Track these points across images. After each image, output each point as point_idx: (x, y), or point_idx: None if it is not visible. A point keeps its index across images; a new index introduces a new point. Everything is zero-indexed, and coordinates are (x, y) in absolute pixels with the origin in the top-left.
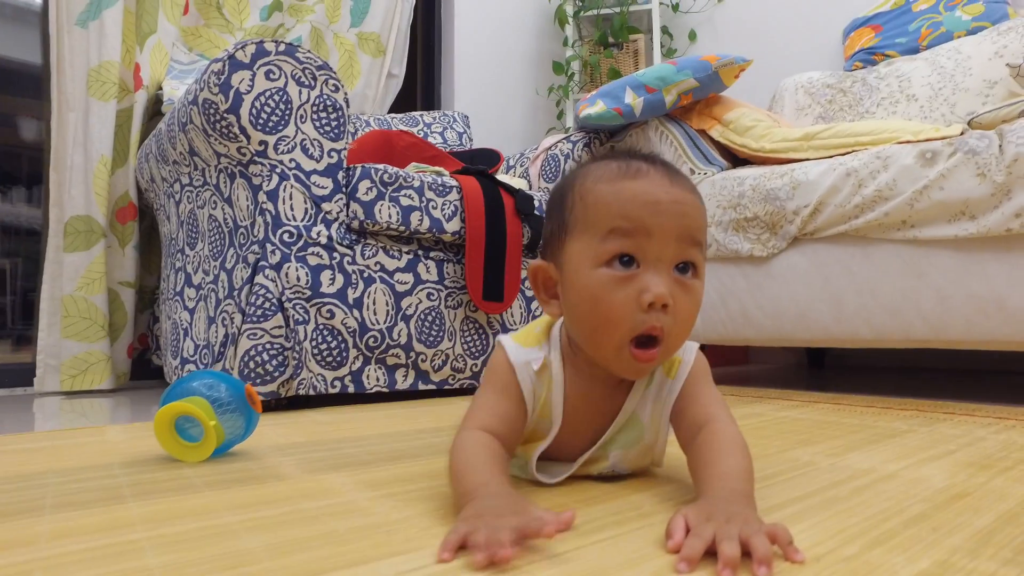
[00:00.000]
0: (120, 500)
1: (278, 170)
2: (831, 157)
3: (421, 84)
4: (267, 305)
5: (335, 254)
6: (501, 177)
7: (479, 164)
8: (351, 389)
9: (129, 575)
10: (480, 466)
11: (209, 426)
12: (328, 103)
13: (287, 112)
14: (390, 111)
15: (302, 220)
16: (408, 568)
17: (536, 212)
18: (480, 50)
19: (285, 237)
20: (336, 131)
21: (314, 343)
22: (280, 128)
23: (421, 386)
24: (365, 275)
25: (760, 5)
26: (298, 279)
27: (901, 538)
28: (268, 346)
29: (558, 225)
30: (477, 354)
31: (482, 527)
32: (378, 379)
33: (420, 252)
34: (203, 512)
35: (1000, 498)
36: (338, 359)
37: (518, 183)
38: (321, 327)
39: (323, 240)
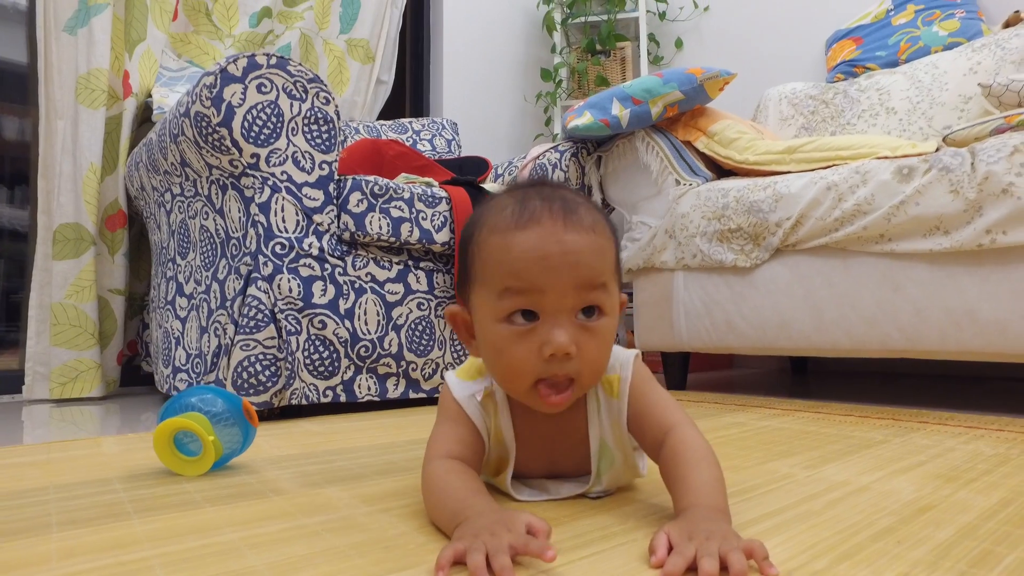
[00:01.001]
0: (123, 517)
1: (270, 182)
2: (812, 170)
3: (410, 90)
4: (260, 316)
5: (327, 265)
6: (490, 186)
7: (468, 172)
8: (343, 398)
9: None
10: (458, 489)
11: (207, 441)
12: (319, 115)
13: (279, 125)
14: (379, 118)
15: (294, 232)
16: None
17: None
18: (468, 56)
19: (277, 249)
20: (327, 143)
21: (306, 353)
22: (272, 141)
23: (412, 395)
24: (356, 286)
25: (745, 14)
26: (290, 290)
27: (868, 552)
28: (261, 357)
29: (464, 272)
30: None
31: (480, 546)
32: (369, 388)
33: (410, 262)
34: (205, 529)
35: (962, 510)
36: (330, 369)
37: None
38: (313, 337)
39: (315, 251)
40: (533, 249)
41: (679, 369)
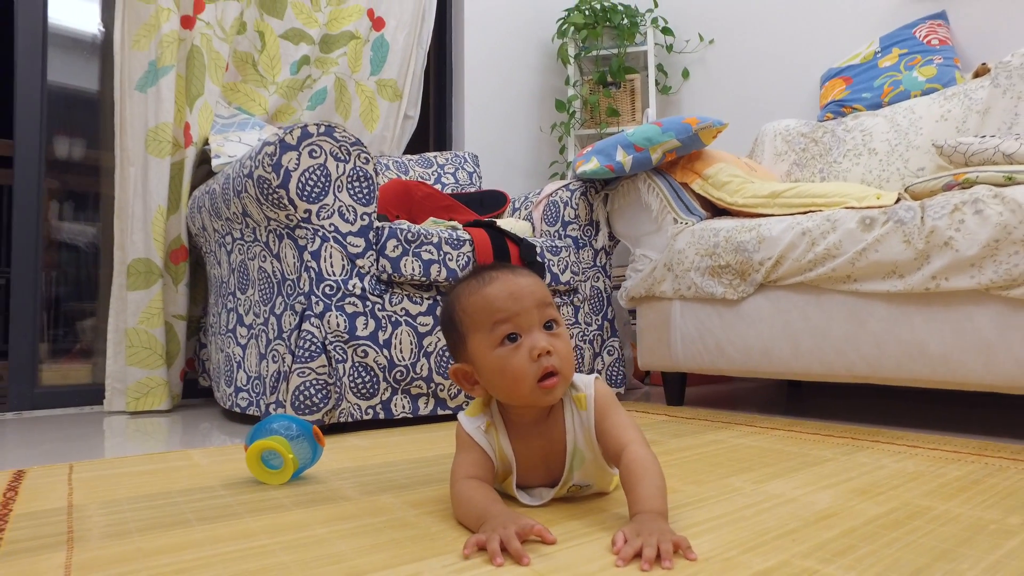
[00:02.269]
0: (238, 516)
1: (320, 233)
2: (792, 215)
3: (433, 123)
4: (313, 348)
5: (368, 302)
6: (507, 220)
7: (488, 206)
8: (381, 416)
9: (274, 568)
10: (479, 501)
11: (288, 458)
12: (360, 174)
13: (327, 184)
14: (405, 152)
15: (340, 275)
16: (450, 562)
17: (538, 259)
18: (488, 90)
19: (326, 290)
20: (367, 197)
21: (351, 378)
22: (322, 198)
23: (440, 412)
24: (393, 319)
25: (748, 47)
26: (338, 325)
27: (768, 547)
28: (314, 382)
29: (456, 336)
30: None
31: (495, 537)
32: (404, 407)
33: (438, 297)
34: (301, 525)
35: (854, 517)
36: (371, 391)
37: (522, 226)
38: (357, 365)
39: (358, 291)
40: (502, 291)
41: (677, 387)
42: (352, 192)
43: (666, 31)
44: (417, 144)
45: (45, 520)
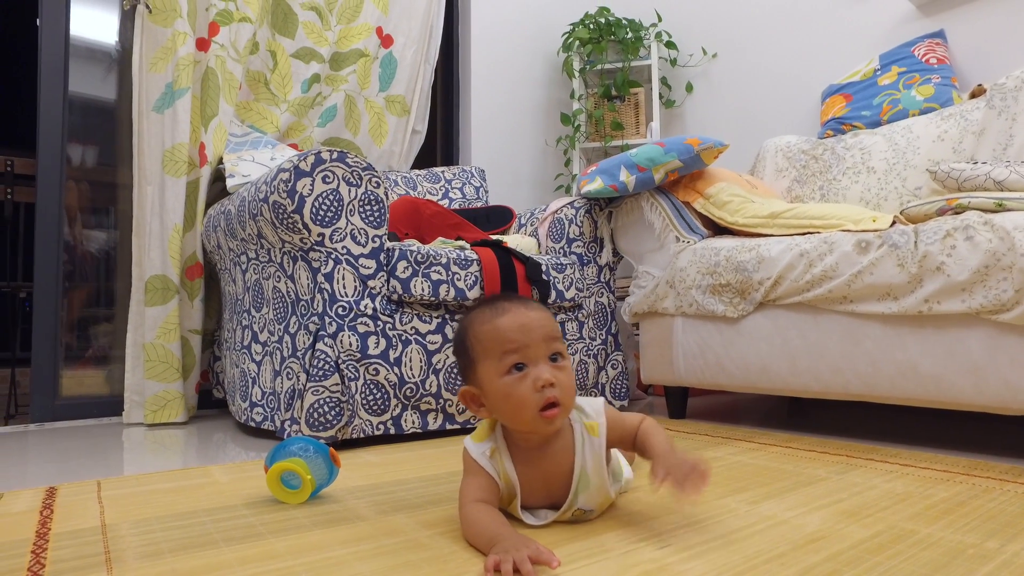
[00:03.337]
0: (263, 536)
1: (333, 256)
2: (791, 235)
3: (441, 137)
4: (326, 367)
5: (379, 322)
6: (513, 236)
7: (495, 222)
8: (392, 431)
9: None
10: (489, 524)
11: (306, 479)
12: (371, 198)
13: (339, 208)
14: (413, 166)
15: (352, 296)
16: None
17: (544, 277)
18: (494, 104)
19: (339, 311)
20: (378, 220)
21: (363, 395)
22: (334, 222)
23: (448, 426)
24: (403, 338)
25: (751, 60)
26: (350, 344)
27: (756, 571)
28: (328, 400)
29: (467, 360)
30: None
31: (509, 559)
32: (414, 422)
33: (447, 316)
34: (321, 546)
35: (839, 541)
36: (382, 407)
37: (528, 243)
38: (368, 382)
39: (369, 312)
40: (513, 323)
41: (679, 401)
42: (364, 215)
43: (670, 45)
44: (425, 159)
45: (82, 540)
